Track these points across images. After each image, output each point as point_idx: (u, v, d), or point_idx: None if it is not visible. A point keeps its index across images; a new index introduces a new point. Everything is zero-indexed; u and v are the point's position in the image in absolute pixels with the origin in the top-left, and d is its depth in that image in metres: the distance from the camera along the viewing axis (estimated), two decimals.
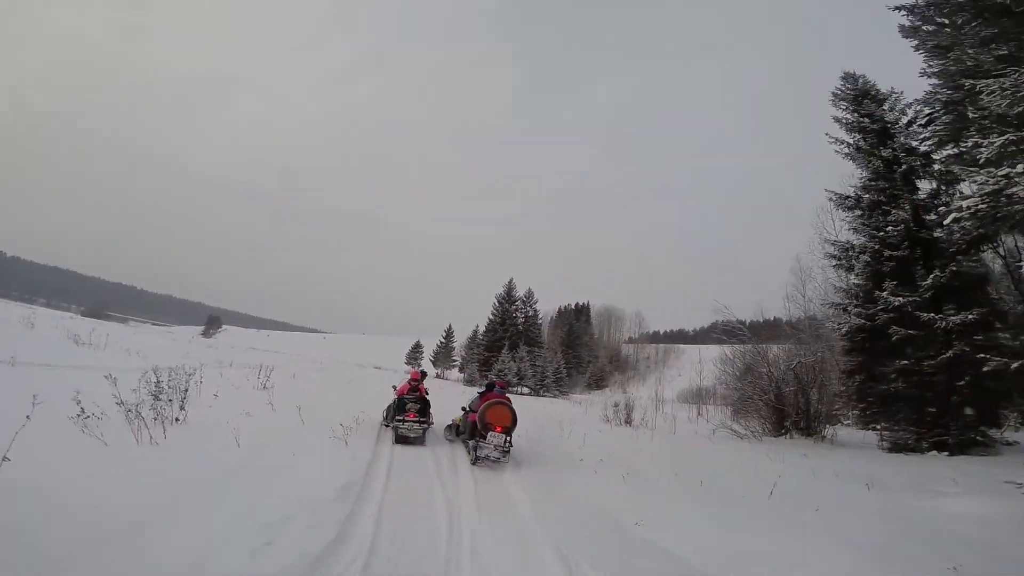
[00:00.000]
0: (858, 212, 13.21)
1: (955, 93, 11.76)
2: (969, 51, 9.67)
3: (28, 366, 10.78)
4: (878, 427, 12.05)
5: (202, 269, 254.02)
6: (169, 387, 6.88)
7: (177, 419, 6.54)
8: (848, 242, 13.00)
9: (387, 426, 8.13)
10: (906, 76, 13.09)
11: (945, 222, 10.76)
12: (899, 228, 11.89)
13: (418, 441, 7.47)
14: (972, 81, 8.59)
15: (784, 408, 12.05)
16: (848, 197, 13.37)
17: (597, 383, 67.10)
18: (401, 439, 7.40)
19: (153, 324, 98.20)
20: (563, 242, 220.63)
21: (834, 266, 13.44)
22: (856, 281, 12.80)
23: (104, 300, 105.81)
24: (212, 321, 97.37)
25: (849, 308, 11.97)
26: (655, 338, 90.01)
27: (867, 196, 13.03)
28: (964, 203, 10.73)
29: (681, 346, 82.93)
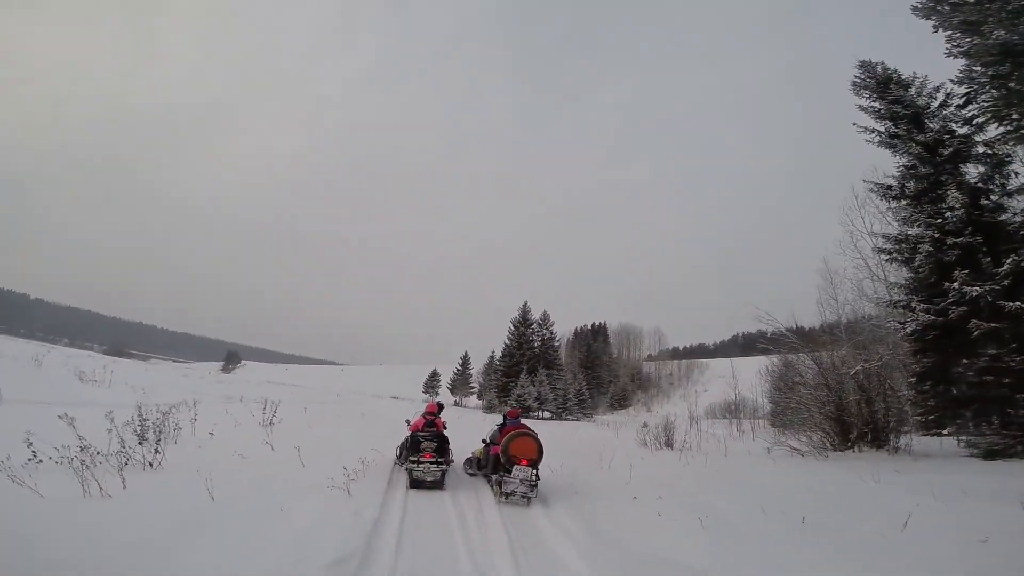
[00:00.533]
0: (905, 201, 12.18)
1: (1001, 67, 10.85)
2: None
3: (17, 403, 10.10)
4: (947, 432, 10.74)
5: (220, 307, 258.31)
6: (154, 425, 6.12)
7: (151, 463, 5.59)
8: (902, 233, 11.83)
9: (400, 465, 7.08)
10: (912, 66, 12.38)
11: None
12: (958, 213, 10.77)
13: (436, 485, 6.36)
14: None
15: (848, 419, 10.66)
16: (891, 187, 12.36)
17: (620, 403, 65.41)
18: (416, 483, 6.31)
19: (174, 361, 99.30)
20: (565, 263, 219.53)
21: (887, 260, 12.35)
22: (911, 275, 11.67)
23: (124, 339, 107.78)
24: (231, 357, 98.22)
25: (914, 304, 10.66)
26: (675, 354, 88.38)
27: (911, 184, 11.99)
28: None
29: (705, 361, 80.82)
